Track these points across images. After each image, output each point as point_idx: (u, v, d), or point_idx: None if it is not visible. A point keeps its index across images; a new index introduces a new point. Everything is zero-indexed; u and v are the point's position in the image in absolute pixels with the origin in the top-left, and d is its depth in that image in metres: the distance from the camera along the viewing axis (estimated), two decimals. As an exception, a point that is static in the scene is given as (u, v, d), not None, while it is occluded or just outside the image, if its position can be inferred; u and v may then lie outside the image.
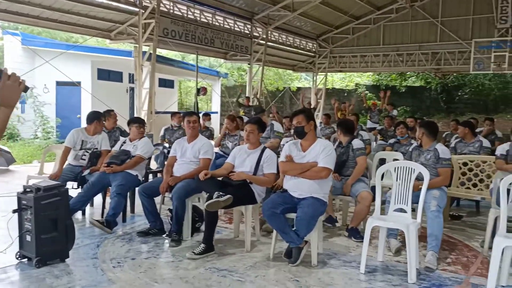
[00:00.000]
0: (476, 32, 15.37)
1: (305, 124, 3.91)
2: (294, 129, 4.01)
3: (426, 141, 4.30)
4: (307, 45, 18.11)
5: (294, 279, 3.45)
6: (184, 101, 22.30)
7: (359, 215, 4.53)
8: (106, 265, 3.61)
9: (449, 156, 4.24)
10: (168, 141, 7.53)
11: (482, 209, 5.88)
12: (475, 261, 3.97)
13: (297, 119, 3.94)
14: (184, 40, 12.35)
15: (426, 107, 21.67)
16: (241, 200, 4.02)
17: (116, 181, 4.63)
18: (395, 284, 3.40)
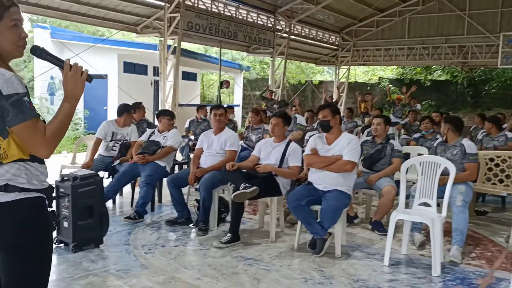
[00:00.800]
0: (504, 25, 15.00)
1: (330, 118, 3.97)
2: (320, 123, 4.08)
3: (452, 136, 4.31)
4: (330, 38, 17.99)
5: (318, 269, 3.53)
6: (207, 94, 22.48)
7: (382, 209, 4.58)
8: (138, 251, 3.77)
9: (475, 151, 4.24)
10: (193, 133, 7.68)
11: (508, 205, 5.85)
12: (499, 256, 3.98)
13: (322, 113, 4.01)
14: (208, 33, 12.46)
15: (452, 101, 21.28)
16: (266, 191, 4.12)
17: (145, 172, 4.79)
18: (419, 276, 3.45)
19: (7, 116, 1.50)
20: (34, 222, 1.61)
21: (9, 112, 1.49)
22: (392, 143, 4.81)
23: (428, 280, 3.39)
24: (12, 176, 1.56)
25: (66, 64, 1.62)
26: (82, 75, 1.64)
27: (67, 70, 1.61)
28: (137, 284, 3.13)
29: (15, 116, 1.49)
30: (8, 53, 1.59)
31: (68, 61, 1.62)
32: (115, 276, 3.24)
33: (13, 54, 1.61)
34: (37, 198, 1.61)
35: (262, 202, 4.52)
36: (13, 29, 1.57)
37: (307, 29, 16.58)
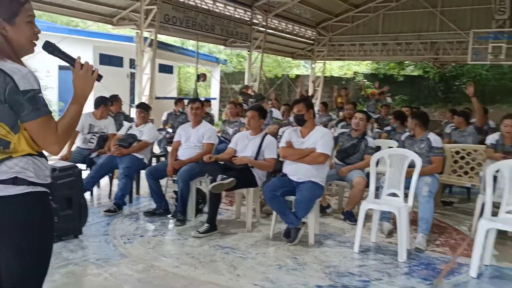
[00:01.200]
0: (474, 23, 15.45)
1: (305, 112, 4.13)
2: (295, 117, 4.22)
3: (419, 131, 4.53)
4: (306, 33, 18.18)
5: (292, 256, 3.70)
6: (183, 87, 22.41)
7: (353, 199, 4.77)
8: (117, 241, 3.86)
9: (441, 145, 4.47)
10: (171, 126, 7.75)
11: (473, 195, 6.13)
12: (462, 243, 4.23)
13: (297, 107, 4.15)
14: (185, 26, 12.44)
15: (423, 96, 21.85)
16: (243, 183, 4.25)
17: (123, 164, 4.86)
18: (386, 262, 3.66)
19: (22, 111, 1.53)
20: (41, 216, 1.63)
21: (24, 108, 1.52)
22: (367, 139, 5.00)
23: (394, 266, 3.59)
24: (21, 169, 1.58)
25: (78, 63, 1.66)
26: (93, 74, 1.68)
27: (79, 69, 1.66)
28: (117, 272, 3.23)
29: (31, 112, 1.52)
30: (22, 48, 1.63)
31: (79, 59, 1.67)
32: (95, 265, 3.32)
33: (27, 50, 1.65)
34: (44, 192, 1.64)
35: (238, 193, 4.65)
36: (29, 25, 1.63)
37: (283, 23, 16.71)
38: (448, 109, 9.13)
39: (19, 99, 1.52)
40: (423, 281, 3.31)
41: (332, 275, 3.33)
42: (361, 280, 3.27)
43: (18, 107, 1.53)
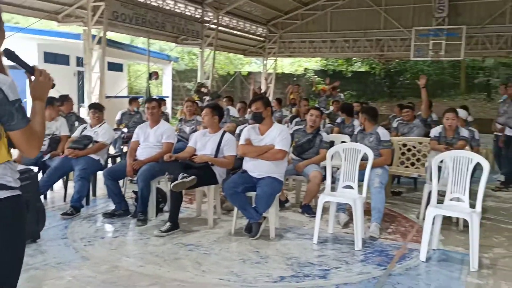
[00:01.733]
0: (416, 20, 16.20)
1: (263, 110, 4.24)
2: (253, 115, 4.32)
3: (368, 125, 4.77)
4: (257, 30, 18.34)
5: (254, 250, 3.81)
6: (134, 85, 21.96)
7: (310, 193, 4.96)
8: (77, 244, 3.81)
9: (389, 138, 4.74)
10: (125, 125, 7.62)
11: (419, 185, 6.51)
12: (411, 230, 4.51)
13: (255, 105, 4.26)
14: (134, 23, 12.21)
15: (370, 91, 22.68)
16: (204, 181, 4.31)
17: (79, 166, 4.77)
18: (344, 251, 3.85)
19: (12, 121, 1.58)
20: (19, 219, 1.69)
21: (14, 117, 1.58)
22: (322, 135, 5.20)
23: (351, 254, 3.79)
24: (1, 175, 1.62)
25: (37, 70, 1.74)
26: (50, 80, 1.78)
27: (38, 75, 1.74)
28: (80, 274, 3.21)
29: (20, 121, 1.59)
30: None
31: (37, 67, 1.75)
32: (56, 269, 3.28)
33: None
34: (19, 195, 1.70)
35: (199, 190, 4.71)
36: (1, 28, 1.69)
37: (235, 21, 16.77)
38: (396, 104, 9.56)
39: (10, 109, 1.57)
40: (378, 266, 3.52)
41: (294, 266, 3.47)
42: (321, 269, 3.43)
43: (8, 117, 1.57)
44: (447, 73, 21.59)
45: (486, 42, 15.27)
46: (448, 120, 5.02)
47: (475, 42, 15.39)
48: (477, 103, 19.17)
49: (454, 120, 5.02)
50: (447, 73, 21.55)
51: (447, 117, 5.04)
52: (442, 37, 15.19)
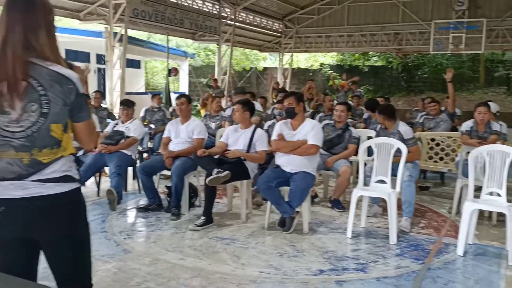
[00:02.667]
0: (435, 14, 16.04)
1: (295, 105, 4.26)
2: (286, 110, 4.35)
3: (389, 124, 4.75)
4: (274, 26, 18.34)
5: (290, 244, 3.85)
6: (151, 82, 22.13)
7: (340, 187, 4.98)
8: (117, 237, 3.89)
9: (412, 135, 4.69)
10: (148, 122, 7.71)
11: (446, 180, 6.49)
12: (444, 225, 4.51)
13: (288, 100, 4.28)
14: (154, 20, 12.33)
15: (387, 85, 22.51)
16: (237, 175, 4.36)
17: (113, 162, 4.86)
18: (379, 245, 3.87)
19: (81, 112, 1.65)
20: (84, 210, 1.75)
21: (83, 109, 1.66)
22: (351, 130, 5.22)
23: (387, 248, 3.81)
24: (68, 167, 1.67)
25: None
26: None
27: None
28: (124, 266, 3.28)
29: (86, 113, 1.67)
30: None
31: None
32: (101, 261, 3.36)
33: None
34: (80, 188, 1.75)
35: (231, 185, 4.75)
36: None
37: (251, 16, 16.79)
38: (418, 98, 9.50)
39: (81, 101, 1.64)
40: (415, 260, 3.54)
41: (331, 260, 3.51)
42: (359, 263, 3.46)
43: (79, 109, 1.65)
44: (466, 66, 21.31)
45: (506, 35, 15.05)
46: (480, 114, 4.97)
47: (496, 35, 15.19)
48: (497, 97, 18.89)
49: (487, 114, 4.96)
50: (466, 67, 21.27)
51: (479, 111, 4.99)
52: (462, 30, 15.02)
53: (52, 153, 1.62)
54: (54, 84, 1.56)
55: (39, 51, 1.57)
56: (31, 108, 1.55)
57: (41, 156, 1.60)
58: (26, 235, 1.63)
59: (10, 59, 1.53)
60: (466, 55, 19.80)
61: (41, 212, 1.61)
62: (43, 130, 1.58)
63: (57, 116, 1.59)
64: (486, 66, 21.09)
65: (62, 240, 1.66)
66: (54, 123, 1.59)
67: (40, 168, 1.60)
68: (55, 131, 1.60)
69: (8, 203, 1.58)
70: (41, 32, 1.58)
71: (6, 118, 1.55)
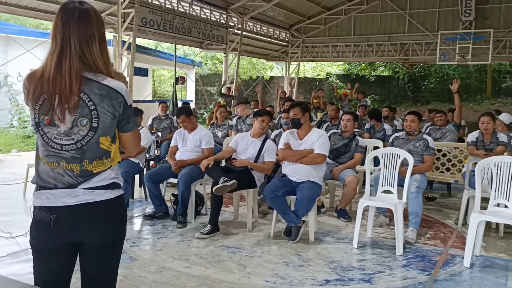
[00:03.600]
0: (442, 24, 16.07)
1: (301, 115, 4.28)
2: (291, 120, 4.36)
3: (416, 126, 4.77)
4: (280, 35, 18.44)
5: (296, 253, 3.85)
6: (158, 90, 22.27)
7: (347, 197, 4.98)
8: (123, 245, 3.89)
9: (435, 146, 4.73)
10: (155, 130, 7.75)
11: (452, 191, 6.46)
12: (451, 236, 4.48)
13: (293, 111, 4.30)
14: (162, 29, 12.45)
15: (394, 95, 22.50)
16: (243, 184, 4.37)
17: (121, 169, 4.85)
18: (385, 256, 3.86)
19: (128, 123, 1.70)
20: (126, 216, 1.85)
21: (130, 120, 1.70)
22: (358, 139, 5.24)
23: (393, 259, 3.80)
24: (115, 175, 1.72)
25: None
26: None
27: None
28: (130, 274, 3.30)
29: (133, 123, 1.72)
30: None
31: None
32: (107, 269, 3.37)
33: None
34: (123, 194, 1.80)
35: (237, 194, 4.77)
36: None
37: (258, 26, 16.90)
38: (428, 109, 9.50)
39: (129, 113, 1.69)
40: (421, 272, 3.52)
41: (337, 270, 3.50)
42: (365, 274, 3.45)
43: (126, 120, 1.69)
44: (473, 77, 21.26)
45: (514, 46, 15.04)
46: (483, 124, 4.96)
47: (503, 46, 15.18)
48: (504, 108, 18.78)
49: (490, 124, 4.95)
50: (473, 77, 21.22)
51: (482, 120, 4.98)
52: (468, 41, 15.02)
53: (102, 164, 1.66)
54: (104, 98, 1.59)
55: (92, 64, 1.59)
56: (81, 122, 1.59)
57: (91, 167, 1.64)
58: (73, 238, 1.66)
59: (67, 73, 1.55)
60: (473, 65, 19.76)
61: (91, 216, 1.65)
62: (92, 143, 1.62)
63: (106, 129, 1.64)
64: (493, 76, 21.04)
65: (107, 244, 1.71)
66: (103, 136, 1.64)
67: (90, 178, 1.65)
68: (103, 143, 1.65)
69: (59, 211, 1.62)
70: (94, 44, 1.60)
71: (55, 131, 1.59)
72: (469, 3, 15.07)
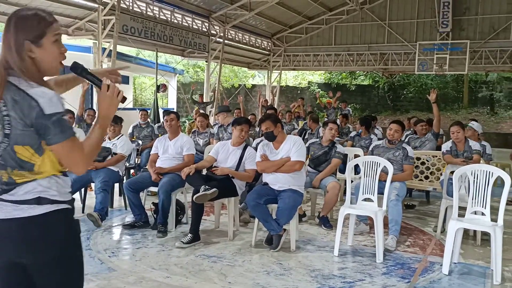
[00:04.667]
0: (420, 35, 16.42)
1: (273, 128, 4.28)
2: (265, 134, 4.34)
3: (398, 136, 4.83)
4: (262, 44, 18.55)
5: (277, 262, 3.84)
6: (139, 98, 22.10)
7: (329, 204, 4.99)
8: (101, 255, 3.84)
9: (414, 155, 4.79)
10: (136, 138, 7.67)
11: (431, 198, 6.56)
12: (430, 243, 4.54)
13: (265, 125, 4.29)
14: (143, 37, 12.40)
15: (374, 104, 22.83)
16: (224, 193, 4.35)
17: (100, 178, 4.82)
18: (366, 264, 3.88)
19: (47, 134, 1.52)
20: (67, 233, 1.64)
21: (50, 131, 1.52)
22: (337, 146, 5.28)
23: (373, 266, 3.82)
24: (44, 188, 1.57)
25: (104, 85, 1.68)
26: (118, 95, 1.69)
27: (105, 90, 1.67)
28: (108, 285, 3.24)
29: (56, 135, 1.52)
30: (49, 69, 1.63)
31: (106, 81, 1.71)
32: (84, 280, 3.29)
33: (54, 70, 1.65)
34: (68, 209, 1.64)
35: (218, 203, 4.74)
36: (55, 44, 1.61)
37: (240, 34, 16.97)
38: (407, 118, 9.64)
39: (45, 122, 1.51)
40: (401, 279, 3.55)
41: (318, 278, 3.50)
42: (346, 282, 3.46)
43: (44, 131, 1.52)
44: (451, 87, 21.74)
45: (489, 56, 15.43)
46: (453, 134, 5.05)
47: (479, 57, 15.56)
48: (480, 117, 19.26)
49: (460, 133, 5.03)
50: (450, 87, 21.71)
51: (452, 131, 5.08)
52: (446, 52, 15.37)
53: (23, 175, 1.56)
54: (15, 104, 1.50)
55: (18, 70, 1.54)
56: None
57: (14, 176, 1.55)
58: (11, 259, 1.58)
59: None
60: (450, 75, 20.20)
61: (18, 235, 1.55)
62: (8, 151, 1.53)
63: (20, 138, 1.53)
64: (470, 86, 21.55)
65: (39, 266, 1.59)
66: (18, 145, 1.53)
67: (14, 187, 1.55)
68: (21, 153, 1.54)
69: None
70: (13, 52, 1.55)
71: None
72: (446, 15, 15.43)
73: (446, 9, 15.40)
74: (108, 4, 10.88)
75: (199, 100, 13.28)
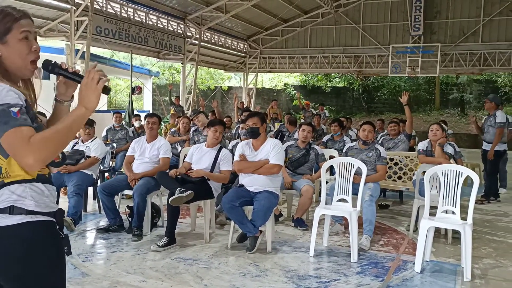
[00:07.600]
0: (393, 38, 16.75)
1: (260, 125, 4.31)
2: (250, 129, 4.37)
3: (371, 136, 4.91)
4: (238, 46, 18.58)
5: (253, 264, 3.85)
6: (113, 100, 21.79)
7: (303, 206, 5.04)
8: (75, 260, 3.77)
9: (387, 155, 4.88)
10: (110, 141, 7.56)
11: (404, 198, 6.68)
12: (403, 242, 4.63)
13: (252, 120, 4.32)
14: (117, 38, 12.27)
15: (349, 106, 23.14)
16: (200, 195, 4.34)
17: (73, 182, 4.74)
18: (341, 263, 3.93)
19: None
20: (43, 248, 1.49)
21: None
22: (315, 148, 5.34)
23: (348, 266, 3.87)
24: (18, 197, 1.46)
25: (87, 71, 1.49)
26: (98, 83, 1.47)
27: (86, 77, 1.48)
28: (82, 291, 3.19)
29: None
30: (18, 69, 1.51)
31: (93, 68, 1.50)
32: (57, 286, 3.23)
33: (24, 69, 1.52)
34: (46, 222, 1.51)
35: (194, 205, 4.72)
36: (23, 42, 1.50)
37: (216, 36, 16.96)
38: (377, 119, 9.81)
39: None
40: (375, 278, 3.61)
41: (294, 279, 3.53)
42: (321, 282, 3.50)
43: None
44: (423, 89, 22.24)
45: (460, 59, 15.86)
46: (432, 131, 5.18)
47: (450, 60, 15.98)
48: (451, 118, 19.76)
49: (438, 131, 5.17)
50: (422, 89, 22.20)
51: (431, 128, 5.21)
52: (418, 54, 15.72)
53: None
54: None
55: None
56: None
57: None
58: None
59: None
60: (423, 78, 20.65)
61: None
62: None
63: None
64: (441, 88, 22.08)
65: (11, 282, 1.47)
66: None
67: None
68: None
69: None
70: None
71: None
72: (418, 18, 15.79)
73: (418, 13, 15.76)
74: (81, 5, 10.72)
75: (176, 102, 13.21)
